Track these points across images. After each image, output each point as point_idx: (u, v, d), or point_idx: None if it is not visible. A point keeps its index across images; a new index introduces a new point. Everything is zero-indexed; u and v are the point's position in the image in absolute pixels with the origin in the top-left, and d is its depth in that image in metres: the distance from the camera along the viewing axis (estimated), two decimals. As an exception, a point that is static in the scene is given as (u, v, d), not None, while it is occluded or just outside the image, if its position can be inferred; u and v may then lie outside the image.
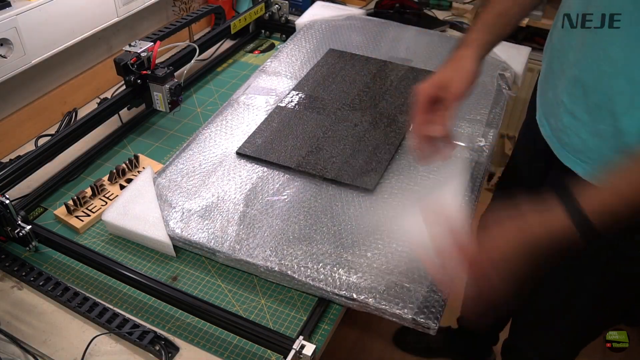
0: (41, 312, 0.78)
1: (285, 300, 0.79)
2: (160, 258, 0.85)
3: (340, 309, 0.78)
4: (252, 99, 1.13)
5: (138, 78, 1.07)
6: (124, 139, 1.10)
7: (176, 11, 1.45)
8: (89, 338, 0.72)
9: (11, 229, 0.82)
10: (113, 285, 0.81)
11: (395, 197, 0.90)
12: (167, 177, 0.94)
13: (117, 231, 0.88)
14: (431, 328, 0.71)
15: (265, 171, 0.95)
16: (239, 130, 1.05)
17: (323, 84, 1.16)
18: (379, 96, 1.12)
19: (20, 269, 0.82)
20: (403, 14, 1.53)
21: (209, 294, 0.80)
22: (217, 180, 0.94)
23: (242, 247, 0.81)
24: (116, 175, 0.97)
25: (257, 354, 0.72)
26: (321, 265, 0.78)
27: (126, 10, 1.22)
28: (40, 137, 1.11)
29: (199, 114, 1.18)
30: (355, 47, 1.32)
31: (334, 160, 0.96)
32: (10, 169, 0.89)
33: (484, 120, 1.07)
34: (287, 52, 1.30)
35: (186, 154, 0.99)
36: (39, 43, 1.03)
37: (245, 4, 1.56)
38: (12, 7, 0.97)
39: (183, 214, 0.87)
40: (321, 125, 1.04)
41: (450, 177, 0.92)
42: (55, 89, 1.16)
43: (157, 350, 0.72)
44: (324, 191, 0.91)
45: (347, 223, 0.85)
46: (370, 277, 0.77)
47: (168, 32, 1.19)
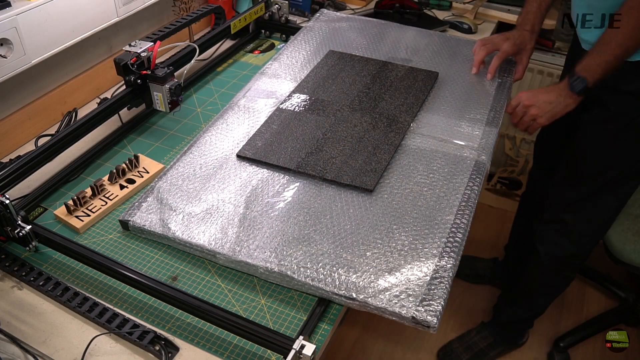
0: (41, 312, 0.78)
1: (285, 300, 0.79)
2: (160, 258, 0.85)
3: (340, 309, 0.78)
4: (252, 101, 1.13)
5: (138, 78, 1.07)
6: (124, 139, 1.10)
7: (176, 11, 1.45)
8: (89, 338, 0.72)
9: (11, 229, 0.82)
10: (113, 285, 0.81)
11: (395, 197, 0.90)
12: (168, 181, 0.94)
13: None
14: (431, 326, 0.71)
15: (265, 173, 0.95)
16: (240, 133, 1.05)
17: (323, 85, 1.17)
18: (378, 97, 1.12)
19: (20, 269, 0.82)
20: (403, 14, 1.54)
21: (209, 294, 0.80)
22: (218, 183, 0.94)
23: (242, 248, 0.81)
24: (116, 175, 0.97)
25: (257, 354, 0.72)
26: (321, 265, 0.79)
27: (126, 10, 1.22)
28: (40, 137, 1.11)
29: (199, 114, 1.18)
30: (355, 48, 1.32)
31: (334, 161, 0.96)
32: (10, 169, 0.90)
33: (484, 119, 1.07)
34: (287, 54, 1.30)
35: (187, 157, 0.99)
36: (39, 43, 1.03)
37: (245, 4, 1.56)
38: (12, 7, 0.97)
39: (184, 217, 0.87)
40: (321, 127, 1.04)
41: (450, 177, 0.93)
42: (55, 89, 1.16)
43: (157, 350, 0.72)
44: (323, 192, 0.91)
45: (347, 223, 0.85)
46: (370, 276, 0.77)
47: (168, 32, 1.19)
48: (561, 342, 1.62)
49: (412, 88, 1.15)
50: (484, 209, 2.10)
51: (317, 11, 1.50)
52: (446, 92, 1.16)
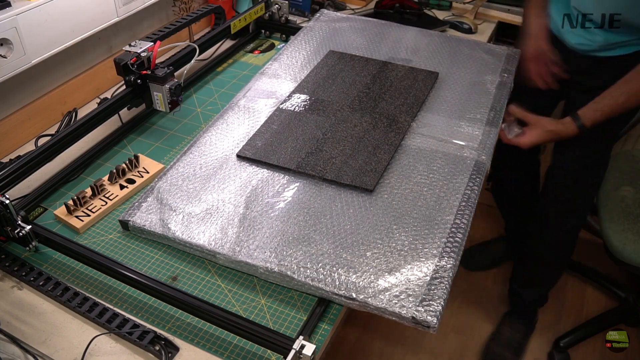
0: (41, 312, 0.78)
1: (285, 300, 0.79)
2: (160, 258, 0.85)
3: (340, 309, 0.78)
4: (252, 101, 1.13)
5: (138, 78, 1.07)
6: (124, 139, 1.10)
7: (176, 11, 1.45)
8: (89, 338, 0.72)
9: (11, 229, 0.82)
10: (113, 285, 0.81)
11: (395, 197, 0.90)
12: (168, 181, 0.94)
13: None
14: (431, 326, 0.71)
15: (265, 173, 0.95)
16: (240, 133, 1.05)
17: (323, 85, 1.17)
18: (378, 97, 1.12)
19: (20, 269, 0.82)
20: (403, 14, 1.53)
21: (209, 294, 0.80)
22: (218, 183, 0.94)
23: (242, 248, 0.81)
24: (116, 175, 0.97)
25: (257, 354, 0.72)
26: (321, 265, 0.79)
27: (126, 10, 1.22)
28: (40, 137, 1.11)
29: (199, 114, 1.18)
30: (355, 48, 1.32)
31: (334, 161, 0.96)
32: (10, 169, 0.89)
33: (484, 119, 1.07)
34: (287, 55, 1.30)
35: (187, 158, 0.99)
36: (39, 43, 1.03)
37: (245, 4, 1.56)
38: (12, 7, 0.97)
39: (184, 217, 0.87)
40: (321, 127, 1.04)
41: (450, 177, 0.93)
42: (55, 89, 1.16)
43: (157, 350, 0.72)
44: (323, 192, 0.91)
45: (347, 223, 0.85)
46: (370, 276, 0.77)
47: (168, 32, 1.19)
48: (561, 342, 1.62)
49: (412, 88, 1.15)
50: (484, 209, 2.10)
51: (317, 11, 1.50)
52: (446, 92, 1.16)
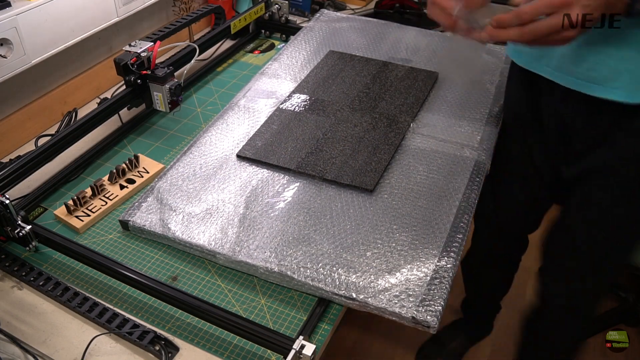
0: (41, 312, 0.78)
1: (285, 300, 0.79)
2: (160, 258, 0.85)
3: (340, 309, 0.78)
4: (252, 101, 1.13)
5: (138, 78, 1.07)
6: (124, 139, 1.10)
7: (176, 11, 1.45)
8: (89, 338, 0.72)
9: (11, 229, 0.82)
10: (113, 285, 0.81)
11: (395, 197, 0.90)
12: (168, 181, 0.94)
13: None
14: (431, 326, 0.71)
15: (265, 173, 0.95)
16: (240, 133, 1.05)
17: (323, 85, 1.17)
18: (378, 97, 1.12)
19: (20, 269, 0.82)
20: (403, 14, 1.54)
21: (209, 294, 0.80)
22: (218, 183, 0.94)
23: (242, 248, 0.81)
24: (116, 175, 0.97)
25: (257, 354, 0.72)
26: (321, 265, 0.79)
27: (126, 10, 1.22)
28: (40, 137, 1.11)
29: (199, 114, 1.18)
30: (355, 48, 1.32)
31: (334, 161, 0.96)
32: (10, 169, 0.89)
33: (483, 119, 1.07)
34: (287, 55, 1.30)
35: (187, 158, 0.99)
36: (39, 43, 1.03)
37: (245, 4, 1.56)
38: (12, 7, 0.97)
39: (184, 217, 0.87)
40: (321, 127, 1.04)
41: (450, 177, 0.93)
42: (55, 89, 1.16)
43: (157, 350, 0.72)
44: (323, 192, 0.91)
45: (347, 223, 0.85)
46: (370, 276, 0.77)
47: (168, 32, 1.19)
48: (561, 342, 1.62)
49: (412, 88, 1.15)
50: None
51: (317, 11, 1.50)
52: (446, 92, 1.16)
